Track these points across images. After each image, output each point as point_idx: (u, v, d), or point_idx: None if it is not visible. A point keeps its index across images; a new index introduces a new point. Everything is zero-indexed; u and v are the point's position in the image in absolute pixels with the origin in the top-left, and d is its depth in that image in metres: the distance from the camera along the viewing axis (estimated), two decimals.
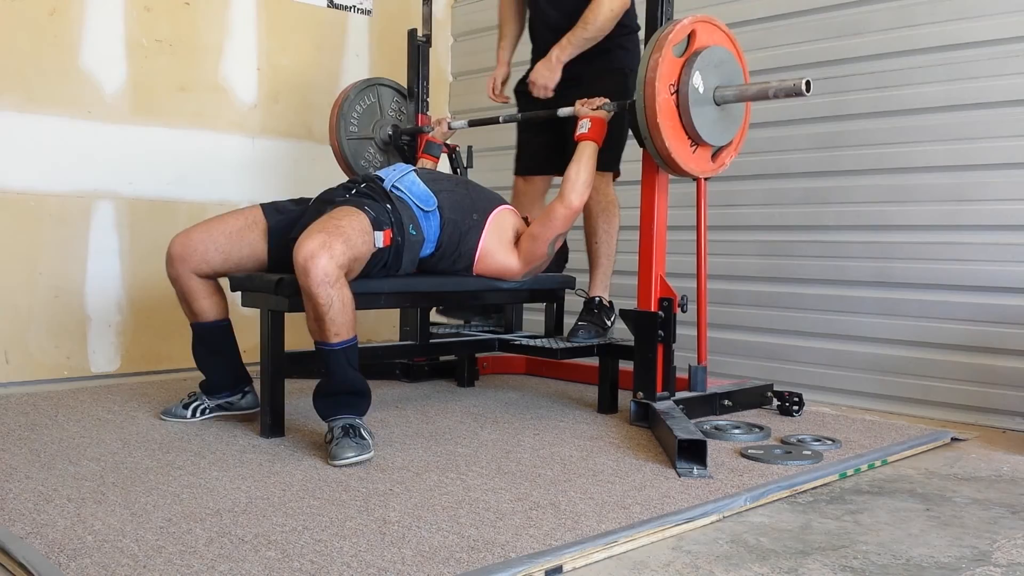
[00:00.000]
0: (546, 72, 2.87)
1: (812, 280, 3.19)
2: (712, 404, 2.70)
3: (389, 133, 3.35)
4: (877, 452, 2.31)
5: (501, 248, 2.64)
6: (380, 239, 2.32)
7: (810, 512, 1.84)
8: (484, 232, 2.60)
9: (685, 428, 2.20)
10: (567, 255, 3.03)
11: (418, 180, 2.53)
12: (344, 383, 2.21)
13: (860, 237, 3.07)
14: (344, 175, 3.34)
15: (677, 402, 2.53)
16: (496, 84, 3.22)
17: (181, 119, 3.53)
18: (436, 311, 3.29)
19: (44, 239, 3.21)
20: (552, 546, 1.55)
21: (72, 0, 3.23)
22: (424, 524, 1.67)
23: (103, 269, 3.34)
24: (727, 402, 2.73)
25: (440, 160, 3.18)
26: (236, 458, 2.14)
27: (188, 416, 2.51)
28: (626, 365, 2.70)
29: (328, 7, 3.99)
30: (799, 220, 3.22)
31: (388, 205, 2.41)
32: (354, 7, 4.08)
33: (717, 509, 1.80)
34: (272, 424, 2.36)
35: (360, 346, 2.24)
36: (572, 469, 2.08)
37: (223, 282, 2.51)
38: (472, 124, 3.15)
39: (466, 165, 3.35)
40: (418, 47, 3.35)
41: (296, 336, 2.48)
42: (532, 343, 2.89)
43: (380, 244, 2.32)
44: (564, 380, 3.36)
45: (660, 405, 2.46)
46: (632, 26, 2.93)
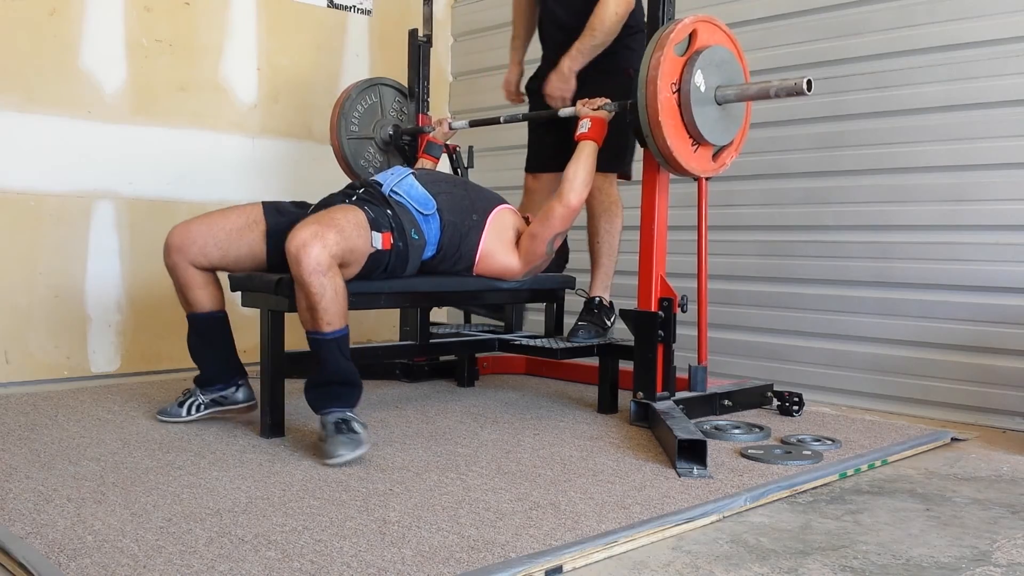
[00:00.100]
0: (560, 83, 2.87)
1: (812, 280, 3.19)
2: (712, 404, 2.70)
3: (390, 133, 3.35)
4: (877, 452, 2.31)
5: (501, 248, 2.64)
6: (379, 240, 2.32)
7: (810, 512, 1.84)
8: (484, 233, 2.60)
9: (685, 428, 2.20)
10: (567, 255, 3.03)
11: (416, 183, 2.53)
12: (336, 373, 2.21)
13: (860, 237, 3.06)
14: (343, 174, 3.34)
15: (677, 402, 2.53)
16: (511, 85, 3.24)
17: (181, 119, 3.53)
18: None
19: (44, 239, 3.21)
20: (552, 546, 1.55)
21: (72, 0, 3.23)
22: (424, 524, 1.67)
23: (103, 269, 3.34)
24: (727, 402, 2.73)
25: (440, 160, 3.18)
26: (236, 458, 2.14)
27: (184, 415, 2.50)
28: (626, 365, 2.70)
29: (328, 7, 3.99)
30: (799, 220, 3.22)
31: (388, 210, 2.41)
32: (354, 7, 4.08)
33: (717, 509, 1.80)
34: (272, 424, 2.37)
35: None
36: (572, 469, 2.08)
37: (223, 279, 2.51)
38: (473, 124, 3.15)
39: (467, 165, 3.35)
40: (418, 47, 3.35)
41: (296, 336, 2.47)
42: (532, 343, 2.89)
43: (379, 246, 2.32)
44: (564, 380, 3.36)
45: (660, 405, 2.46)
46: (638, 26, 2.92)
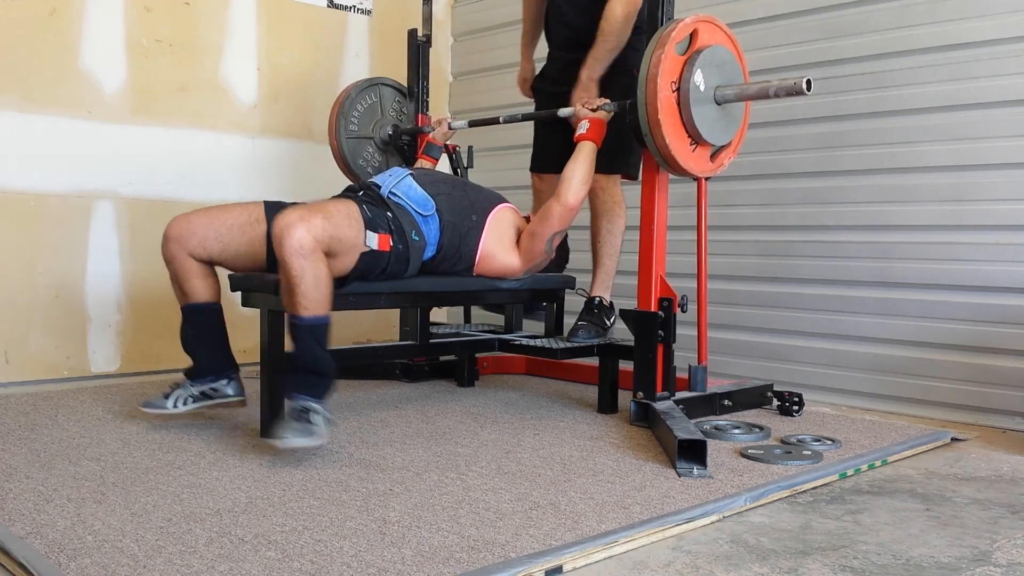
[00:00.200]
0: (583, 94, 2.83)
1: (812, 280, 3.19)
2: (712, 404, 2.70)
3: (389, 133, 3.35)
4: (877, 452, 2.31)
5: (501, 247, 2.63)
6: (374, 240, 2.31)
7: (810, 512, 1.84)
8: (484, 233, 2.60)
9: (685, 428, 2.20)
10: (568, 255, 3.03)
11: (415, 184, 2.52)
12: (308, 361, 2.16)
13: (860, 237, 3.06)
14: (342, 174, 3.34)
15: (677, 402, 2.53)
16: (525, 82, 3.27)
17: (181, 119, 3.53)
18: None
19: (44, 239, 3.20)
20: (552, 546, 1.55)
21: (72, 0, 3.23)
22: (424, 524, 1.67)
23: (103, 269, 3.34)
24: (727, 402, 2.73)
25: (440, 160, 3.18)
26: (236, 458, 2.14)
27: (170, 407, 2.41)
28: (626, 365, 2.70)
29: (328, 7, 3.99)
30: (799, 220, 3.22)
31: (388, 213, 2.41)
32: (354, 7, 4.08)
33: (717, 509, 1.80)
34: (272, 424, 2.36)
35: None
36: (572, 469, 2.08)
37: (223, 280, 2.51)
38: (472, 124, 3.15)
39: (466, 165, 3.35)
40: (418, 47, 3.35)
41: None
42: (532, 343, 2.89)
43: (374, 246, 2.31)
44: (564, 380, 3.36)
45: (660, 405, 2.46)
46: (643, 27, 2.92)
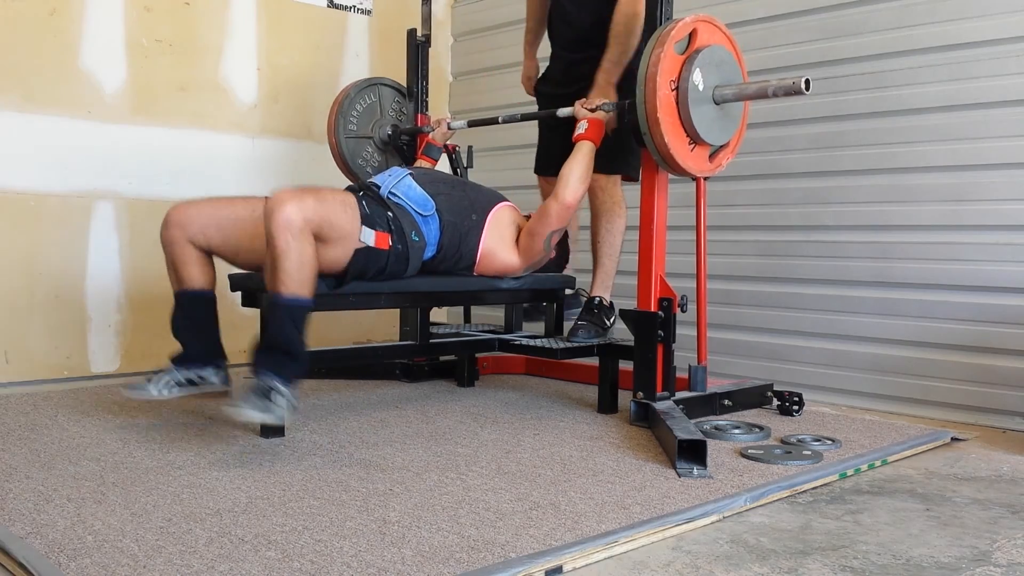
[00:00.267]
0: (602, 98, 2.82)
1: (812, 280, 3.19)
2: (712, 404, 2.70)
3: (388, 133, 3.35)
4: (877, 452, 2.31)
5: (502, 247, 2.64)
6: (370, 237, 2.30)
7: (810, 512, 1.84)
8: (484, 232, 2.60)
9: (685, 428, 2.20)
10: (567, 256, 3.03)
11: (414, 184, 2.52)
12: (278, 340, 2.12)
13: (860, 237, 3.06)
14: (342, 174, 3.34)
15: (677, 402, 2.53)
16: (530, 81, 3.28)
17: (181, 119, 3.53)
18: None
19: (44, 239, 3.20)
20: (552, 546, 1.55)
21: (72, 0, 3.23)
22: (424, 524, 1.67)
23: (103, 269, 3.34)
24: (727, 402, 2.73)
25: (440, 161, 3.18)
26: (236, 458, 2.14)
27: (153, 392, 2.32)
28: (626, 365, 2.69)
29: (328, 7, 3.99)
30: (799, 220, 3.22)
31: (388, 213, 2.41)
32: (354, 7, 4.08)
33: (717, 509, 1.80)
34: (272, 424, 2.36)
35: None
36: (572, 469, 2.08)
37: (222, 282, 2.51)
38: (472, 124, 3.15)
39: (466, 165, 3.35)
40: (418, 47, 3.35)
41: None
42: (532, 343, 2.89)
43: (370, 242, 2.30)
44: (564, 380, 3.36)
45: (660, 405, 2.46)
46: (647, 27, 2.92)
